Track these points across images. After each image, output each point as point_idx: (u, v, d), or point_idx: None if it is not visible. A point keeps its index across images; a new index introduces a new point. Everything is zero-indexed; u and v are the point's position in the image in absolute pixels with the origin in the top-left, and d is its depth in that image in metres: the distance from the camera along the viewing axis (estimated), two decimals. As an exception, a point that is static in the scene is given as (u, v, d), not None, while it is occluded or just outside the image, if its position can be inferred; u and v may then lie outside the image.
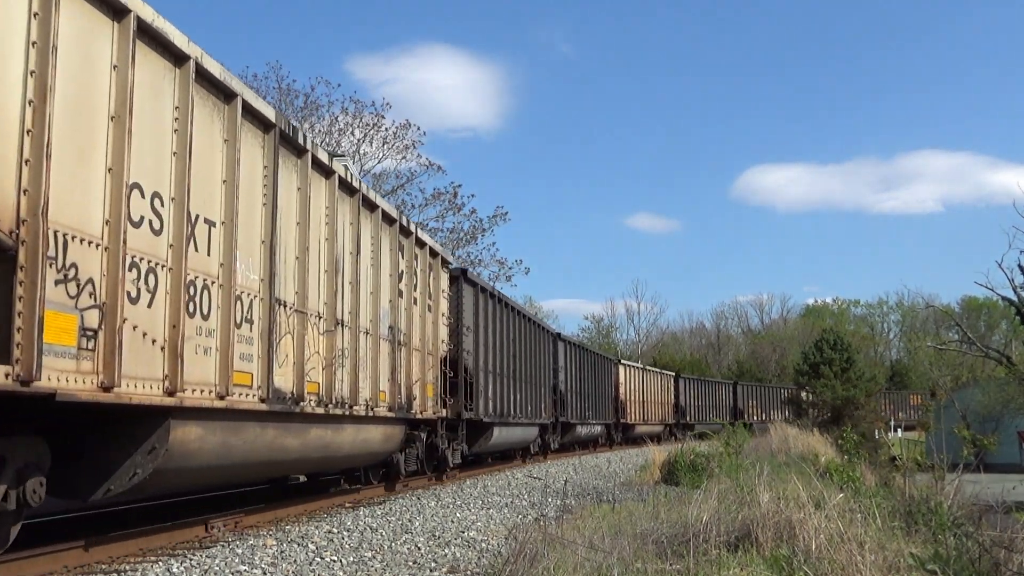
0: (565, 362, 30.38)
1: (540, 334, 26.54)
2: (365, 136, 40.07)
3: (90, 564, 7.57)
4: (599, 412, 36.15)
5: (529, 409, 24.03)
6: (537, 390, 25.26)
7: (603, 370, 37.73)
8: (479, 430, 19.71)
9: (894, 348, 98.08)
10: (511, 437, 22.68)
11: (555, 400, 28.15)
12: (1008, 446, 37.59)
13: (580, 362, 33.12)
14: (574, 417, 31.33)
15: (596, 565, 6.88)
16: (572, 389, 31.19)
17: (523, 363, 23.64)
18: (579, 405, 32.39)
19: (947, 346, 48.69)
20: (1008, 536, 7.45)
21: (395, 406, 13.52)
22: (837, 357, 42.66)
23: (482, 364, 19.51)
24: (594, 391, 35.18)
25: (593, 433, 35.77)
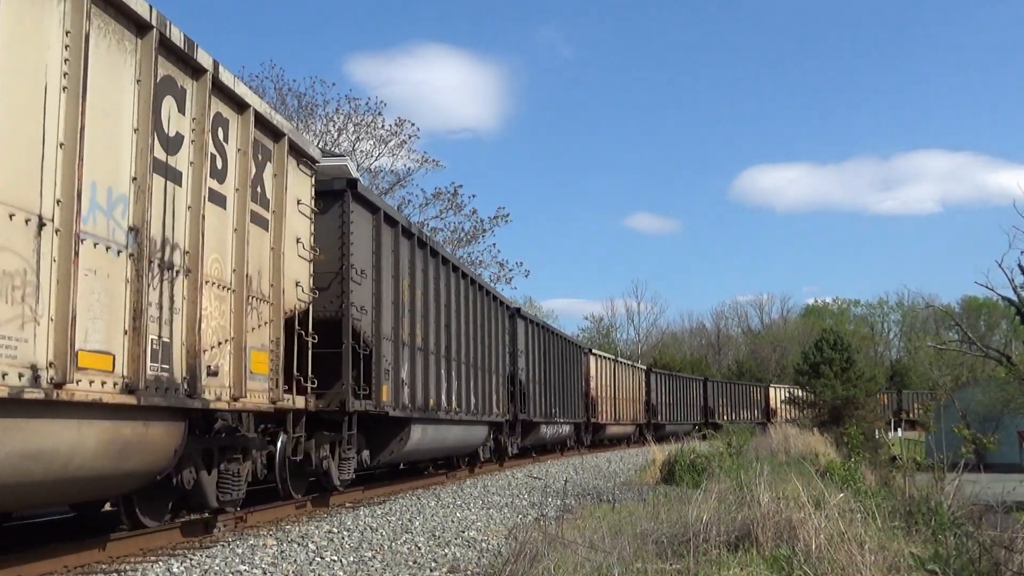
0: (527, 345, 25.22)
1: (491, 306, 20.90)
2: (360, 135, 40.07)
3: (90, 564, 7.57)
4: (567, 409, 30.70)
5: (474, 402, 18.72)
6: (486, 378, 20.07)
7: (572, 359, 32.40)
8: (387, 429, 13.96)
9: (894, 348, 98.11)
10: (443, 439, 16.99)
11: (513, 392, 23.16)
12: (1008, 446, 37.58)
13: (546, 347, 27.90)
14: (538, 414, 26.01)
15: (596, 565, 6.88)
16: (535, 379, 25.98)
17: (465, 340, 18.33)
18: (544, 400, 27.08)
19: (947, 346, 48.66)
20: (1008, 536, 7.44)
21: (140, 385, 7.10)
22: (837, 357, 42.63)
23: (388, 331, 13.45)
24: (562, 384, 29.91)
25: (561, 434, 30.43)
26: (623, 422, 40.53)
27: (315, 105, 39.10)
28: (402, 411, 13.98)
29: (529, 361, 25.43)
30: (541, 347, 27.28)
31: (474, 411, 18.75)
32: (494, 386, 20.90)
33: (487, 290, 20.99)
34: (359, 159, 39.86)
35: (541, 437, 27.39)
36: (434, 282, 16.28)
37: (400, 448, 14.36)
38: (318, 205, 11.17)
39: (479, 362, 19.46)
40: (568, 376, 31.13)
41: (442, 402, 16.35)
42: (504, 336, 22.42)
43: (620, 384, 39.99)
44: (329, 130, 39.28)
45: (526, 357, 25.06)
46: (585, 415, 33.89)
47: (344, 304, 11.84)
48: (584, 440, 34.47)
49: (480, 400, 19.24)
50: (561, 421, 29.79)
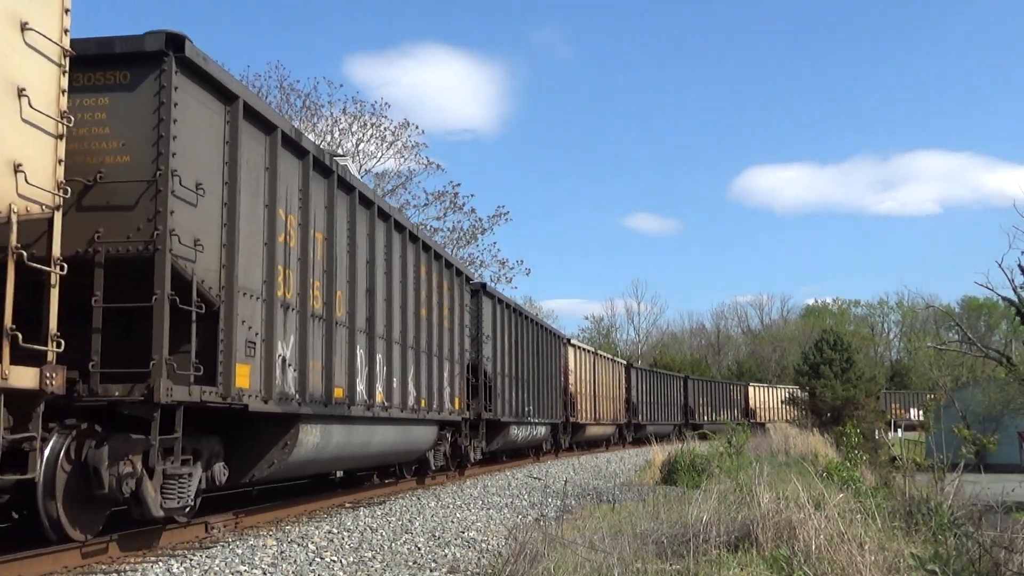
0: (495, 330, 21.32)
1: (446, 275, 16.80)
2: (365, 136, 40.10)
3: (90, 564, 7.57)
4: (543, 407, 26.55)
5: (416, 395, 14.45)
6: (437, 366, 15.83)
7: (549, 350, 28.22)
8: (261, 431, 9.80)
9: (894, 348, 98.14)
10: (364, 443, 12.60)
11: (476, 386, 19.62)
12: (1008, 446, 37.59)
13: (519, 334, 23.81)
14: (507, 413, 21.97)
15: (596, 565, 6.89)
16: (506, 371, 22.06)
17: (404, 314, 13.94)
18: (516, 396, 23.00)
19: (947, 346, 48.65)
20: (1008, 536, 7.44)
21: None
22: (837, 357, 42.69)
23: (252, 284, 9.13)
24: (537, 378, 25.78)
25: (535, 437, 26.16)
26: (603, 422, 36.78)
27: (319, 105, 39.13)
28: (281, 404, 9.53)
29: (498, 349, 21.42)
30: (513, 333, 23.24)
31: (416, 407, 14.38)
32: (448, 376, 16.59)
33: (442, 256, 16.60)
34: (362, 160, 39.89)
35: (511, 440, 23.22)
36: (348, 228, 11.68)
37: (284, 458, 9.90)
38: (120, 76, 7.90)
39: (426, 345, 15.13)
40: (544, 369, 27.03)
41: (359, 393, 11.93)
42: (464, 315, 18.14)
43: (600, 380, 36.19)
44: (332, 131, 39.31)
45: (494, 344, 21.09)
46: (564, 414, 30.11)
47: (159, 231, 7.57)
48: (562, 443, 30.70)
49: (427, 393, 15.03)
50: (535, 421, 25.45)
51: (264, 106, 9.88)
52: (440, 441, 17.00)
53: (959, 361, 51.02)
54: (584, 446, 35.04)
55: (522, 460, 26.47)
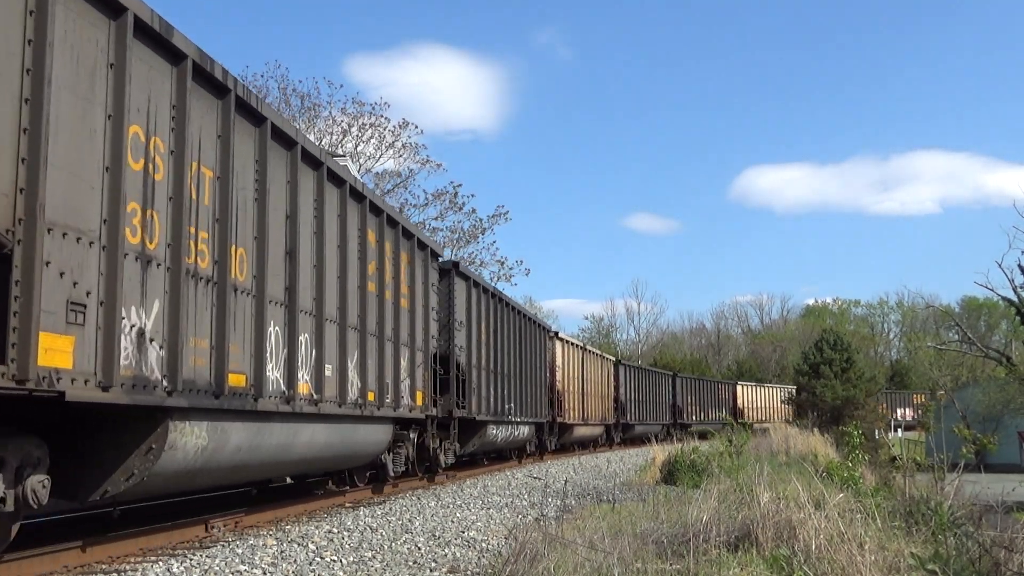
0: (471, 317, 19.08)
1: (404, 247, 14.30)
2: (364, 136, 40.10)
3: (90, 564, 7.57)
4: (527, 405, 24.27)
5: (360, 387, 11.99)
6: (391, 351, 13.41)
7: (534, 342, 25.71)
8: (101, 437, 7.44)
9: (894, 348, 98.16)
10: (286, 446, 10.18)
11: (447, 380, 17.28)
12: (1008, 446, 37.59)
13: (499, 322, 21.55)
14: (485, 411, 19.70)
15: (596, 565, 6.89)
16: (483, 364, 19.84)
17: (344, 289, 11.55)
18: (495, 392, 20.77)
19: (947, 346, 48.66)
20: (1008, 536, 7.44)
21: None
22: (837, 357, 42.70)
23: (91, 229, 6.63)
24: (520, 373, 23.50)
25: (517, 438, 23.90)
26: (592, 422, 34.53)
27: (319, 106, 39.13)
28: (134, 392, 7.06)
29: (473, 338, 19.11)
30: (492, 322, 20.93)
31: (361, 401, 11.93)
32: (408, 367, 14.28)
33: (398, 223, 13.94)
34: (362, 161, 39.90)
35: (490, 441, 20.92)
36: (257, 169, 9.32)
37: (149, 467, 7.45)
38: None
39: (376, 327, 12.73)
40: (528, 364, 24.64)
41: (271, 382, 9.30)
42: (429, 296, 15.82)
43: (589, 377, 34.05)
44: (332, 131, 39.32)
45: (469, 332, 18.78)
46: (550, 413, 27.97)
47: None
48: (548, 444, 28.58)
49: (377, 385, 12.65)
50: (518, 420, 23.12)
51: None
52: (400, 443, 14.68)
53: (959, 361, 51.03)
54: (571, 448, 33.32)
55: (503, 463, 24.58)
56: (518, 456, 26.08)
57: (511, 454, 25.63)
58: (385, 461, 14.23)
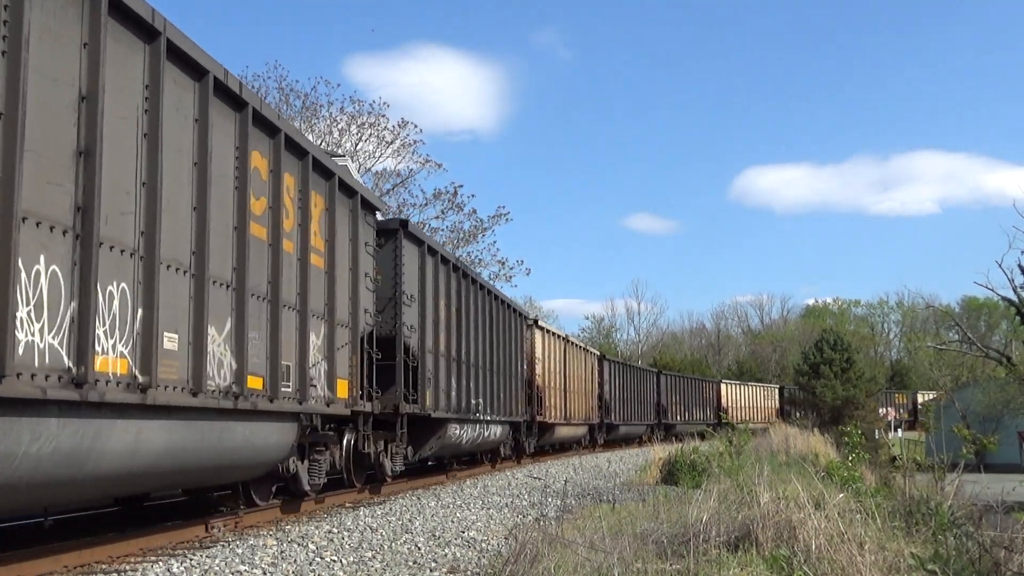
0: (427, 291, 15.56)
1: (325, 189, 11.36)
2: (364, 136, 40.11)
3: (90, 564, 7.57)
4: (501, 402, 21.05)
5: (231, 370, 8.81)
6: (299, 327, 10.40)
7: (510, 330, 22.41)
8: None
9: (894, 348, 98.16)
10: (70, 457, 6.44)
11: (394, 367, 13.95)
12: (1008, 446, 37.63)
13: (466, 302, 18.27)
14: (443, 406, 16.35)
15: (596, 565, 6.89)
16: (441, 351, 16.41)
17: (203, 226, 8.29)
18: (458, 385, 17.51)
19: (947, 346, 48.68)
20: (1008, 536, 7.45)
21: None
22: (837, 357, 42.71)
23: None
24: (491, 363, 20.33)
25: (489, 439, 20.56)
26: (575, 421, 31.44)
27: (318, 105, 39.12)
28: None
29: (429, 318, 15.62)
30: (455, 300, 17.58)
31: (237, 391, 8.77)
32: (325, 346, 11.06)
33: (308, 152, 10.62)
34: (361, 160, 39.91)
35: (452, 443, 17.38)
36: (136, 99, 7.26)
37: None
38: None
39: (269, 289, 9.61)
40: (503, 354, 21.47)
41: (30, 350, 5.99)
42: (359, 257, 12.39)
43: (572, 372, 30.96)
44: (332, 131, 39.32)
45: (422, 310, 15.27)
46: (528, 411, 24.87)
47: None
48: (526, 446, 24.96)
49: (269, 369, 9.49)
50: (489, 419, 19.89)
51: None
52: (320, 447, 11.47)
53: (959, 361, 51.03)
54: (552, 450, 30.45)
55: (473, 469, 21.33)
56: (491, 460, 22.78)
57: (482, 458, 22.44)
58: (295, 471, 10.69)
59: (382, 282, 13.85)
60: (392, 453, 14.25)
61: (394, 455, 14.34)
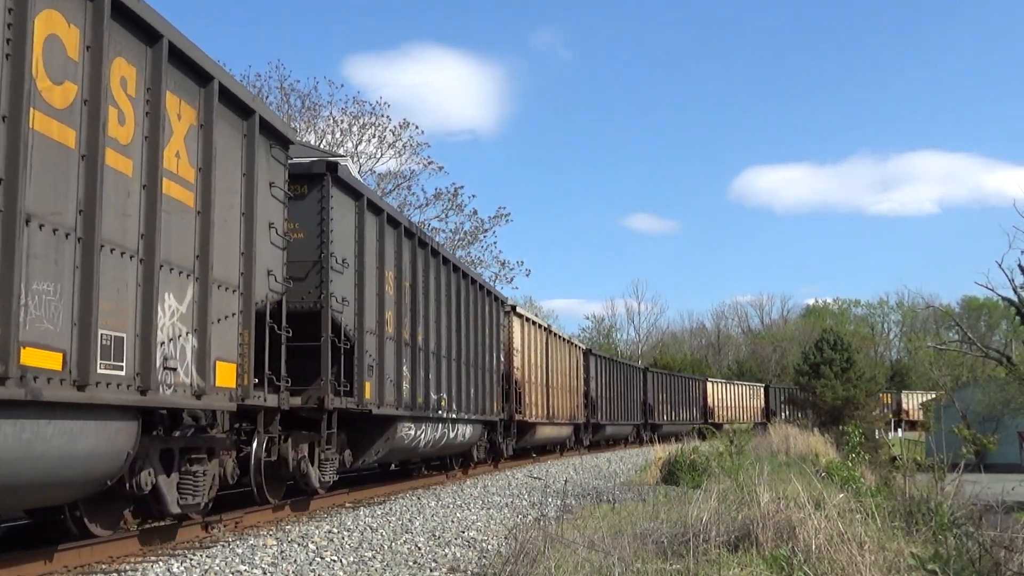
0: (362, 255, 12.61)
1: (194, 97, 8.28)
2: (365, 136, 40.10)
3: (90, 564, 7.57)
4: (470, 399, 18.22)
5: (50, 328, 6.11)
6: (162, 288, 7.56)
7: (483, 316, 19.79)
8: None
9: (894, 348, 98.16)
10: None
11: (319, 349, 11.29)
12: (1008, 446, 37.66)
13: (424, 276, 15.32)
14: (391, 401, 13.43)
15: (596, 565, 6.89)
16: (389, 333, 13.54)
17: None
18: (414, 374, 14.54)
19: (947, 346, 48.70)
20: (1008, 536, 7.45)
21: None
22: (837, 357, 42.70)
23: None
24: (462, 353, 17.70)
25: (457, 441, 17.74)
26: (558, 420, 28.70)
27: (319, 106, 39.08)
28: None
29: (370, 291, 12.69)
30: (412, 273, 14.64)
31: (7, 372, 5.75)
32: (200, 313, 8.27)
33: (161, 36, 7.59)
34: (362, 161, 39.90)
35: (405, 446, 14.55)
36: None
37: None
38: None
39: (82, 223, 6.63)
40: (474, 343, 18.88)
41: None
42: (255, 196, 9.39)
43: (556, 366, 28.41)
44: (332, 131, 39.31)
45: (360, 280, 12.37)
46: (506, 408, 22.16)
47: None
48: (504, 449, 22.15)
49: (88, 340, 6.58)
50: (455, 417, 17.10)
51: None
52: (192, 456, 8.65)
53: (959, 361, 51.06)
54: (532, 452, 27.79)
55: (435, 478, 18.11)
56: (462, 464, 19.89)
57: (451, 462, 19.44)
58: (152, 486, 8.00)
59: (304, 241, 11.04)
60: (321, 460, 11.43)
61: (323, 463, 11.46)
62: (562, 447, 31.26)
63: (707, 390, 56.25)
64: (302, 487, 11.36)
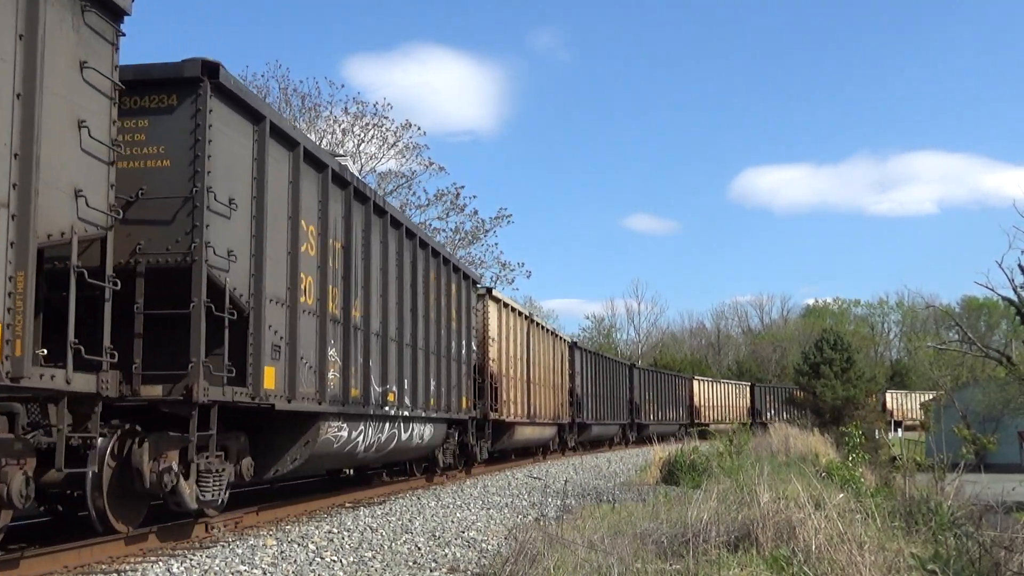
0: (262, 195, 9.43)
1: None
2: (366, 137, 40.10)
3: (90, 564, 7.58)
4: (432, 393, 15.56)
5: None
6: None
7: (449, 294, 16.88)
8: None
9: (894, 348, 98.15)
10: None
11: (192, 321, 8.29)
12: (1008, 446, 37.65)
13: (366, 236, 12.47)
14: (319, 394, 10.72)
15: (596, 565, 6.89)
16: (314, 308, 10.71)
17: None
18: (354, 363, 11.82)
19: (947, 346, 48.68)
20: (1008, 536, 7.45)
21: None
22: (837, 357, 42.73)
23: None
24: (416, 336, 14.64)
25: (412, 445, 14.95)
26: (541, 420, 25.88)
27: (320, 106, 39.04)
28: None
29: (277, 246, 9.84)
30: (344, 229, 11.70)
31: None
32: None
33: None
34: (363, 161, 39.90)
35: (336, 452, 11.66)
36: None
37: None
38: None
39: None
40: (439, 327, 16.11)
41: None
42: (59, 72, 6.75)
43: (538, 360, 25.72)
44: (333, 131, 39.29)
45: (260, 230, 9.45)
46: (479, 406, 19.69)
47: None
48: (477, 452, 19.56)
49: None
50: (408, 415, 14.10)
51: None
52: None
53: (959, 361, 51.04)
54: (512, 454, 25.48)
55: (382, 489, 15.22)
56: (425, 471, 17.31)
57: (411, 468, 17.02)
58: None
59: (171, 171, 8.39)
60: (200, 472, 8.62)
61: (202, 476, 8.65)
62: (544, 450, 28.95)
63: (693, 389, 54.51)
64: (172, 508, 8.61)
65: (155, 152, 8.44)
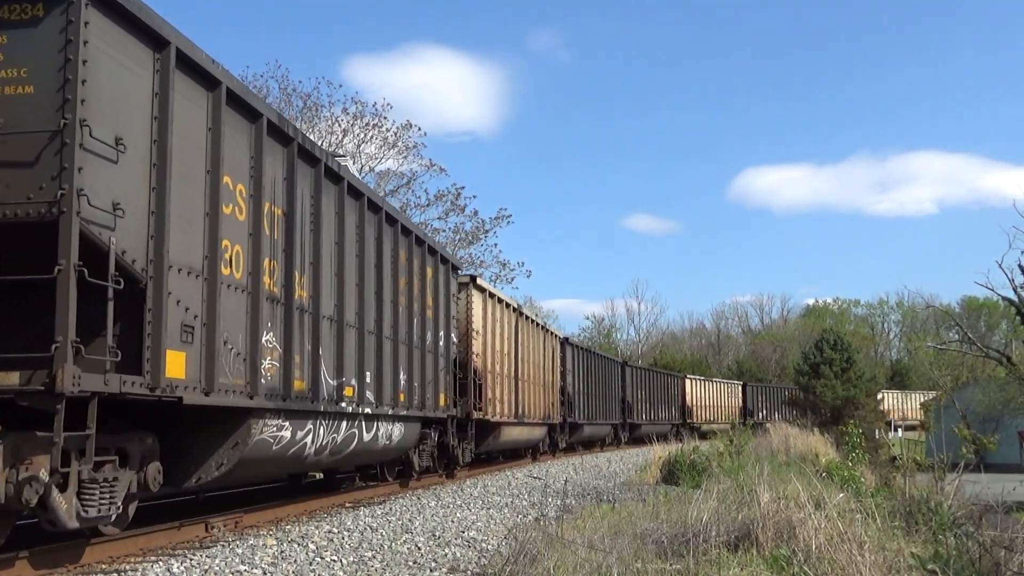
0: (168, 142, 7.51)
1: None
2: (367, 137, 40.09)
3: (90, 564, 7.57)
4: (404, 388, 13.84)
5: None
6: None
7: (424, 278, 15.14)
8: None
9: (894, 348, 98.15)
10: None
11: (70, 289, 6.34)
12: (1008, 446, 37.67)
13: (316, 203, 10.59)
14: (250, 387, 8.88)
15: (596, 565, 6.89)
16: (244, 283, 8.89)
17: None
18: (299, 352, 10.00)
19: (947, 346, 48.69)
20: (1008, 536, 7.45)
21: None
22: (837, 357, 42.65)
23: None
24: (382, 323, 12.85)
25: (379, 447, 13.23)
26: (530, 420, 24.25)
27: (320, 106, 39.02)
28: None
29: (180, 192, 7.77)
30: (286, 194, 9.90)
31: None
32: None
33: None
34: (364, 161, 39.89)
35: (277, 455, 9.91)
36: None
37: None
38: None
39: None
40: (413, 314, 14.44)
41: None
42: None
43: (527, 356, 24.11)
44: (334, 131, 39.28)
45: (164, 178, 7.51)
46: (462, 404, 18.20)
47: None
48: (460, 455, 18.15)
49: None
50: (371, 412, 12.43)
51: None
52: None
53: (959, 361, 51.05)
54: (500, 456, 23.94)
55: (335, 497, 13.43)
56: (400, 475, 15.89)
57: (383, 472, 15.60)
58: None
59: (35, 99, 6.60)
60: (84, 483, 6.97)
61: (86, 487, 7.01)
62: (534, 451, 27.20)
63: (686, 388, 52.97)
64: (46, 527, 7.00)
65: (14, 76, 6.61)
